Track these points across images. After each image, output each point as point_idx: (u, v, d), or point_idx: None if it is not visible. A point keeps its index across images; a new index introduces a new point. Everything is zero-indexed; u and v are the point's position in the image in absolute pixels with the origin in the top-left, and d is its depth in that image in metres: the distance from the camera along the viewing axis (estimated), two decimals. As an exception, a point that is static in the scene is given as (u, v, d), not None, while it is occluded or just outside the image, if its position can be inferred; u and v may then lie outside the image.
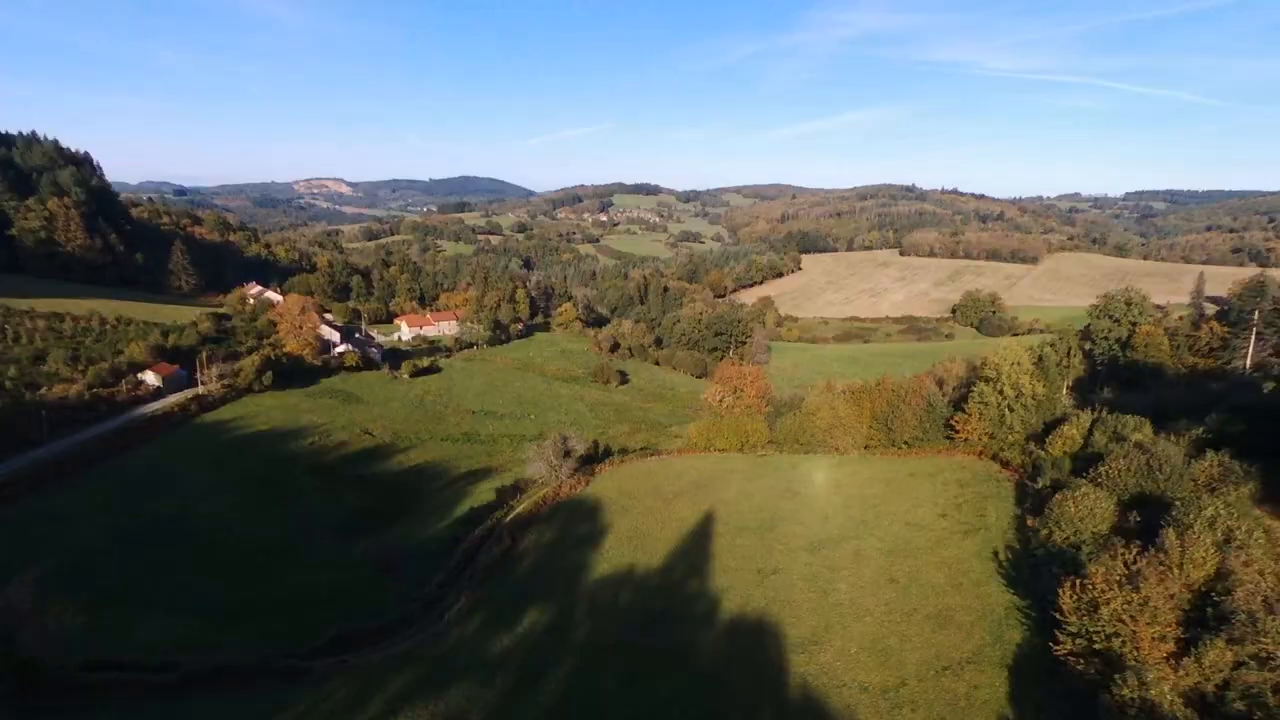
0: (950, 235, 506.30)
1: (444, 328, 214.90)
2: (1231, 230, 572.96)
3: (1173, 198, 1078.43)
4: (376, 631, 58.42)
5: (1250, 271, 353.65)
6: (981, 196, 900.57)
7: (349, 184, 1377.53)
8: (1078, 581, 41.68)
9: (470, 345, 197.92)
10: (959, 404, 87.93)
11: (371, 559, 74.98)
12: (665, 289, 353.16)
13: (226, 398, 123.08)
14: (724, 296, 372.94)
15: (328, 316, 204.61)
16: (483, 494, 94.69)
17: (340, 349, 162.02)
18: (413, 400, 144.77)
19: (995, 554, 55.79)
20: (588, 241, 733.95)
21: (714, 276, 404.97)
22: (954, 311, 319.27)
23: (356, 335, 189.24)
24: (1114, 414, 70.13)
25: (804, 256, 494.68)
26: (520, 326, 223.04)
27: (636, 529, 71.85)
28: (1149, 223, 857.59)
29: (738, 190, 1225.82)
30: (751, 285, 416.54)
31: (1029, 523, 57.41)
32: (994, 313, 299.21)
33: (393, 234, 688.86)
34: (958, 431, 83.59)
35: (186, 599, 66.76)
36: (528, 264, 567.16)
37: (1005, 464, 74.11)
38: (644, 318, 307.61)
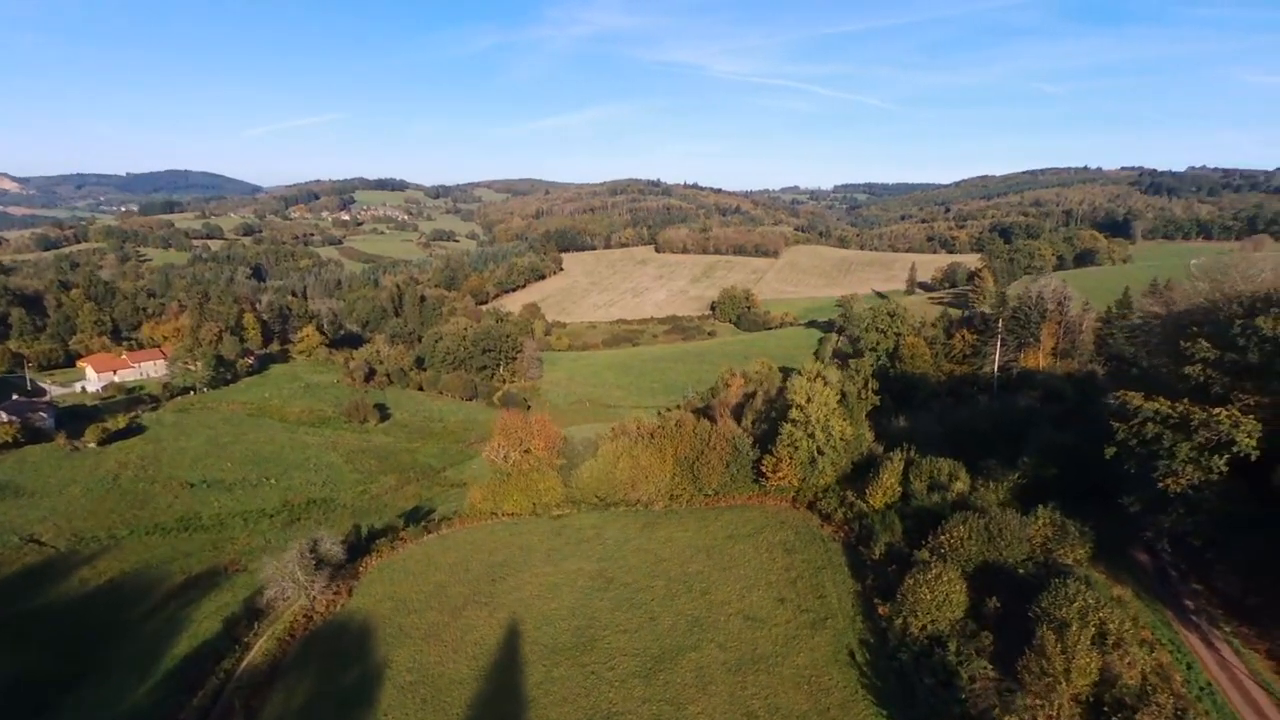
0: (700, 232, 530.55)
1: (148, 370, 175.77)
2: (922, 221, 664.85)
3: (871, 190, 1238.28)
4: None
5: (945, 259, 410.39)
6: (719, 191, 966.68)
7: (15, 179, 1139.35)
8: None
9: (186, 390, 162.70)
10: (764, 442, 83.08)
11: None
12: (423, 298, 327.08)
13: None
14: (487, 303, 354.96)
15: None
16: (206, 622, 72.23)
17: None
18: (103, 479, 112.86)
19: (851, 654, 49.02)
20: (329, 244, 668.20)
21: (474, 282, 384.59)
22: (713, 308, 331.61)
23: (16, 395, 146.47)
24: (926, 457, 67.86)
25: (564, 256, 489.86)
26: (251, 360, 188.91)
27: (421, 665, 56.41)
28: (856, 213, 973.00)
29: (489, 185, 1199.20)
30: (515, 289, 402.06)
31: (880, 610, 51.63)
32: (749, 308, 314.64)
33: (79, 241, 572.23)
34: (767, 477, 78.33)
35: None
36: (258, 273, 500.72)
37: (825, 517, 69.25)
38: (401, 333, 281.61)
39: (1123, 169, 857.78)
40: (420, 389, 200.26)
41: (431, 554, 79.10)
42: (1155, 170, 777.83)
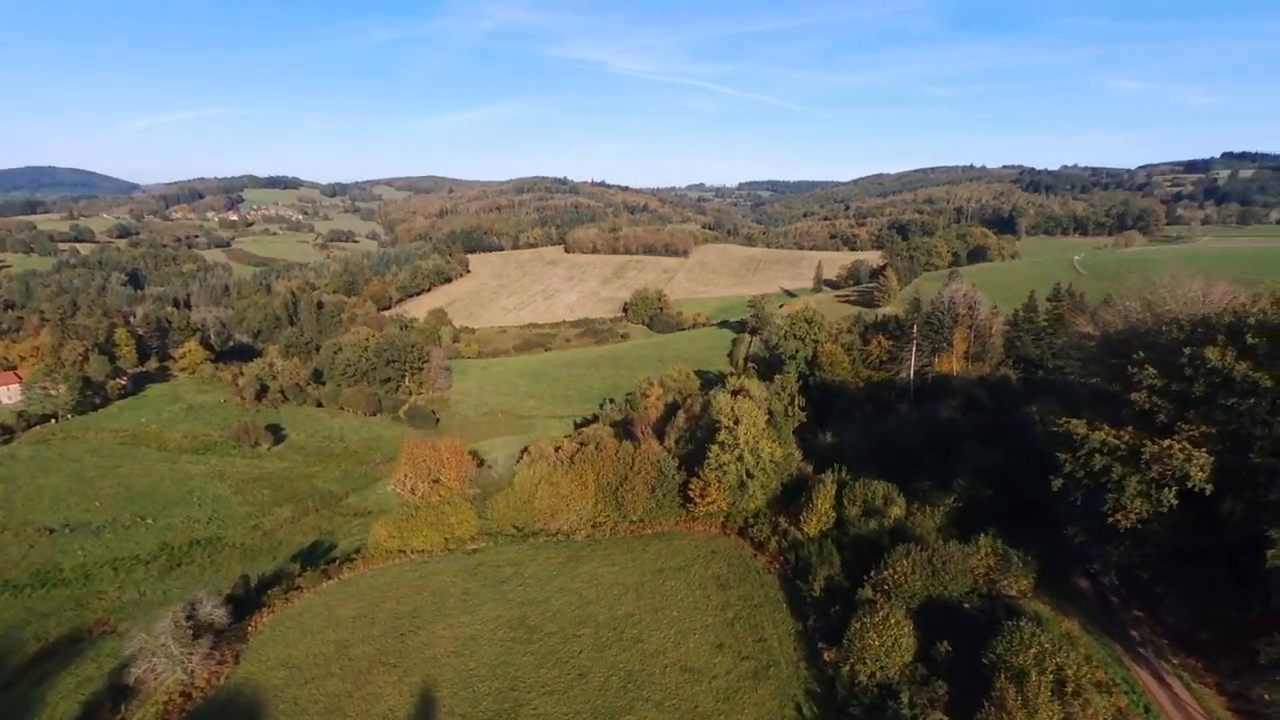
0: (609, 231, 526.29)
1: (0, 395, 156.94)
2: (825, 219, 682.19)
3: (774, 188, 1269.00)
4: None
5: (849, 256, 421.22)
6: (626, 189, 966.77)
7: None
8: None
9: (46, 419, 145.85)
10: (690, 464, 79.49)
11: None
12: (320, 304, 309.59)
13: None
14: (390, 309, 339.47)
15: None
16: (64, 704, 62.26)
17: None
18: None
19: (799, 708, 45.78)
20: (216, 246, 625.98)
21: (376, 287, 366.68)
22: (625, 310, 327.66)
23: None
24: (859, 479, 65.68)
25: (471, 257, 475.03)
26: (124, 381, 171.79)
27: (321, 748, 49.73)
28: (761, 210, 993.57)
29: (389, 183, 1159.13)
30: (419, 294, 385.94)
31: (825, 655, 48.63)
32: (661, 310, 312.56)
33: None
34: (695, 502, 74.72)
35: None
36: (135, 279, 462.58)
37: (758, 546, 66.24)
38: (297, 343, 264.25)
39: (1005, 167, 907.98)
40: (319, 405, 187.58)
41: (332, 604, 71.56)
42: (1034, 169, 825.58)
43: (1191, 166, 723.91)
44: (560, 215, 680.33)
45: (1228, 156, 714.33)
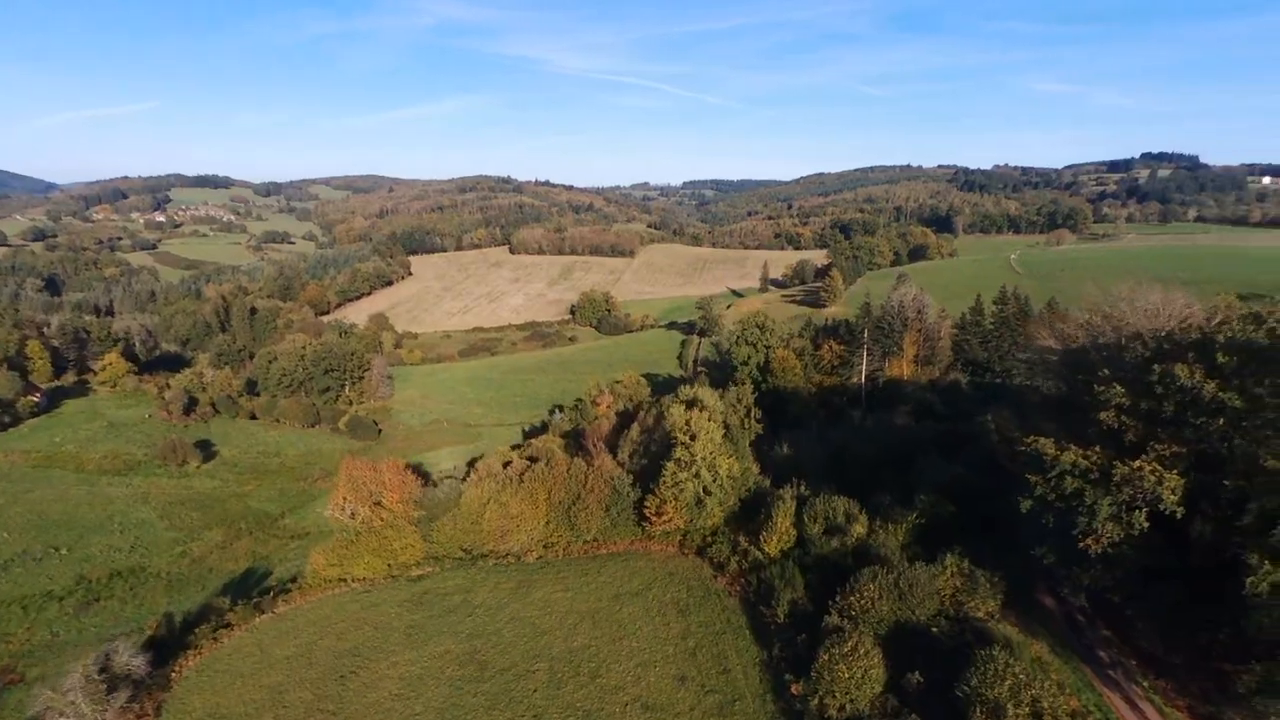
0: (555, 231, 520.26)
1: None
2: (769, 218, 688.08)
3: (718, 186, 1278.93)
4: None
5: (794, 256, 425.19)
6: (570, 188, 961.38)
7: None
8: None
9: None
10: (645, 479, 77.03)
11: None
12: (253, 310, 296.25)
13: None
14: (328, 314, 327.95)
15: None
16: (-42, 771, 56.69)
17: None
18: None
19: (767, 746, 43.78)
20: (141, 249, 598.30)
21: (313, 291, 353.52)
22: (573, 312, 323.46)
23: None
24: (819, 494, 64.09)
25: (413, 259, 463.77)
26: (37, 398, 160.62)
27: (252, 813, 45.58)
28: (705, 209, 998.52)
29: (327, 182, 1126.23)
30: (359, 297, 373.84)
31: (792, 687, 46.65)
32: (609, 311, 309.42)
33: None
34: (651, 521, 72.28)
35: None
36: (52, 285, 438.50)
37: (718, 567, 64.18)
38: (229, 352, 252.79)
39: (940, 167, 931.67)
40: (253, 418, 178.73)
41: (265, 643, 66.77)
42: (968, 168, 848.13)
43: (1114, 166, 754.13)
44: (504, 215, 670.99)
45: (1146, 157, 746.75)
